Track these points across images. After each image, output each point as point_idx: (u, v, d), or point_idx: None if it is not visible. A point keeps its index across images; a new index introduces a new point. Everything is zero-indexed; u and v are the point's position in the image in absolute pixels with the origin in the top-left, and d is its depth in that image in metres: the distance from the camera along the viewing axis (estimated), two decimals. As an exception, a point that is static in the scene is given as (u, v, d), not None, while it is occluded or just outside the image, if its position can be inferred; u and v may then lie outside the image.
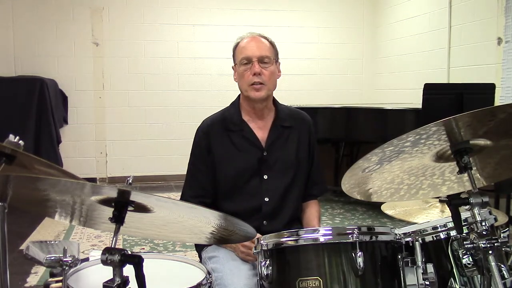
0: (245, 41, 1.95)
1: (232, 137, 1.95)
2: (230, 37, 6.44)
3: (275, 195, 1.94)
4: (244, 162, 1.94)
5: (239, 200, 1.92)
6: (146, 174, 6.27)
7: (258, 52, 1.90)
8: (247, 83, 1.90)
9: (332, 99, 6.60)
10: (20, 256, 3.30)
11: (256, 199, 1.93)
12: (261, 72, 1.89)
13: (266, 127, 1.98)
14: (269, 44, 1.96)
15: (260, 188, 1.93)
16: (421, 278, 1.39)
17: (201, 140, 1.97)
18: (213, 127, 1.97)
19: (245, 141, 1.95)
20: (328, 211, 4.93)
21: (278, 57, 1.99)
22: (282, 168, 1.96)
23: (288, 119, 2.01)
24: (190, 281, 1.32)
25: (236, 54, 1.97)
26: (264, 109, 1.97)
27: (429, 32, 5.66)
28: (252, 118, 1.98)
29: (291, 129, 2.00)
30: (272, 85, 1.94)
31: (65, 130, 6.07)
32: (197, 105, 6.40)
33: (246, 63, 1.90)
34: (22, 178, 1.16)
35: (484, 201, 1.25)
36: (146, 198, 1.10)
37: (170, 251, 3.74)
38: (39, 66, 5.94)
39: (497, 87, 4.15)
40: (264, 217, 1.92)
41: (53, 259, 1.24)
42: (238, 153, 1.94)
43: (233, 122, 1.97)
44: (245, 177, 1.93)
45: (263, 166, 1.94)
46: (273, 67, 1.93)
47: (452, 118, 1.13)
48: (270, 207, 1.93)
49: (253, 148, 1.95)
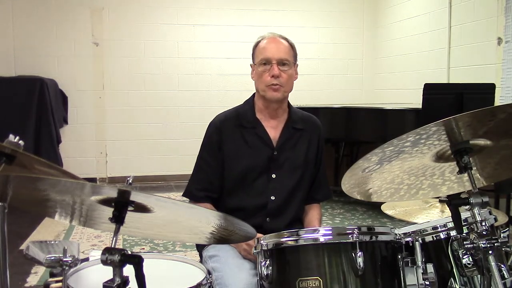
0: (265, 42, 1.94)
1: (244, 134, 1.96)
2: (230, 37, 6.51)
3: (282, 194, 1.95)
4: (254, 159, 1.94)
5: (245, 197, 1.93)
6: (146, 174, 6.27)
7: (277, 55, 1.89)
8: (265, 83, 1.90)
9: (332, 99, 6.60)
10: (20, 256, 3.29)
11: (262, 197, 1.94)
12: (280, 75, 1.88)
13: (279, 127, 1.98)
14: (289, 46, 1.94)
15: (267, 187, 1.94)
16: (421, 278, 1.39)
17: (213, 134, 1.98)
18: (226, 123, 1.97)
19: (257, 139, 1.96)
20: (328, 211, 4.93)
21: (296, 59, 1.98)
22: (291, 168, 1.97)
23: (300, 121, 2.02)
24: (190, 281, 1.32)
25: (255, 53, 1.96)
26: (278, 109, 1.97)
27: (429, 32, 5.66)
28: (265, 117, 1.98)
29: (302, 131, 2.01)
30: (289, 87, 1.94)
31: (65, 130, 6.07)
32: (197, 105, 6.40)
33: (265, 64, 1.90)
34: (22, 178, 1.16)
35: (484, 201, 1.25)
36: (146, 198, 1.10)
37: (170, 251, 3.74)
38: (39, 66, 5.93)
39: (497, 87, 4.15)
40: (268, 215, 1.94)
41: (53, 259, 1.24)
42: (249, 150, 1.95)
43: (246, 119, 1.97)
44: (254, 174, 1.94)
45: (272, 165, 1.95)
46: (291, 70, 1.92)
47: (452, 118, 1.13)
48: (275, 205, 1.94)
49: (264, 146, 1.95)
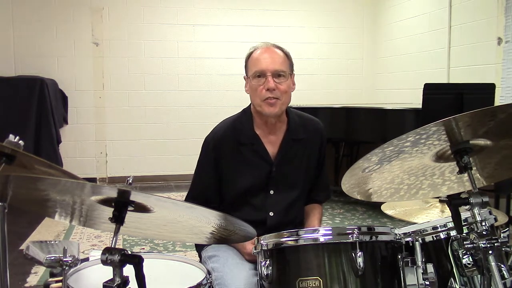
0: (258, 52, 1.83)
1: (242, 151, 1.88)
2: (230, 37, 6.50)
3: (280, 209, 1.90)
4: (252, 177, 1.87)
5: (243, 213, 1.86)
6: (146, 174, 6.27)
7: (272, 66, 1.78)
8: (260, 98, 1.80)
9: (332, 99, 6.60)
10: (20, 256, 3.29)
11: (261, 213, 1.89)
12: (276, 87, 1.77)
13: (277, 141, 1.90)
14: (284, 55, 1.84)
15: (265, 203, 1.89)
16: (421, 278, 1.39)
17: (210, 152, 1.90)
18: (224, 140, 1.88)
19: (255, 155, 1.88)
20: (328, 211, 4.93)
21: (293, 69, 1.87)
22: (289, 184, 1.91)
23: (300, 129, 1.93)
24: (190, 281, 1.32)
25: (248, 65, 1.86)
26: (276, 123, 1.88)
27: (429, 32, 5.66)
28: (263, 131, 1.89)
29: (302, 141, 1.93)
30: (287, 100, 1.83)
31: (65, 130, 6.06)
32: (197, 105, 6.39)
33: (260, 77, 1.79)
34: (22, 178, 1.16)
35: (484, 201, 1.25)
36: (146, 198, 1.10)
37: (170, 251, 3.74)
38: (39, 66, 5.93)
39: (497, 87, 4.14)
40: (269, 230, 1.90)
41: (53, 259, 1.24)
42: (247, 168, 1.87)
43: (244, 135, 1.89)
44: (252, 192, 1.88)
45: (271, 181, 1.89)
46: (288, 81, 1.82)
47: (452, 118, 1.13)
48: (275, 221, 1.88)
49: (263, 163, 1.88)
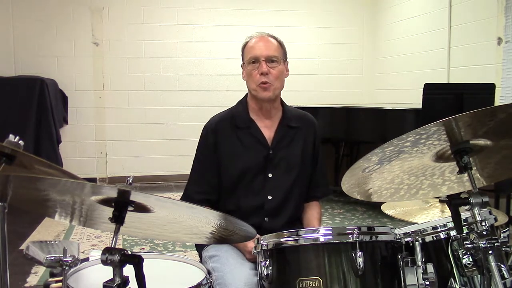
0: (254, 41, 1.96)
1: (239, 135, 1.97)
2: (230, 37, 6.50)
3: (279, 193, 1.95)
4: (250, 160, 1.95)
5: (242, 197, 1.94)
6: (146, 174, 6.27)
7: (265, 52, 1.91)
8: (255, 82, 1.91)
9: (332, 99, 6.59)
10: (20, 256, 3.30)
11: (259, 197, 1.94)
12: (269, 72, 1.90)
13: (273, 126, 1.99)
14: (277, 43, 1.96)
15: (264, 186, 1.95)
16: (421, 278, 1.39)
17: (208, 137, 1.98)
18: (221, 124, 1.98)
19: (252, 139, 1.96)
20: (328, 211, 4.93)
21: (286, 56, 2.00)
22: (287, 167, 1.97)
23: (294, 119, 2.03)
24: (190, 281, 1.32)
25: (244, 53, 1.98)
26: (271, 109, 1.98)
27: (429, 32, 5.66)
28: (259, 117, 1.99)
29: (297, 129, 2.02)
30: (280, 84, 1.95)
31: (65, 130, 6.06)
32: (196, 105, 6.41)
33: (254, 63, 1.92)
34: (22, 178, 1.16)
35: (484, 201, 1.25)
36: (146, 198, 1.10)
37: (170, 251, 3.74)
38: (39, 66, 5.93)
39: (497, 87, 4.14)
40: (266, 215, 1.94)
41: (53, 259, 1.24)
42: (245, 151, 1.95)
43: (240, 119, 1.98)
44: (250, 175, 1.94)
45: (269, 164, 1.95)
46: (281, 66, 1.93)
47: (452, 118, 1.13)
48: (273, 205, 1.94)
49: (260, 146, 1.96)
